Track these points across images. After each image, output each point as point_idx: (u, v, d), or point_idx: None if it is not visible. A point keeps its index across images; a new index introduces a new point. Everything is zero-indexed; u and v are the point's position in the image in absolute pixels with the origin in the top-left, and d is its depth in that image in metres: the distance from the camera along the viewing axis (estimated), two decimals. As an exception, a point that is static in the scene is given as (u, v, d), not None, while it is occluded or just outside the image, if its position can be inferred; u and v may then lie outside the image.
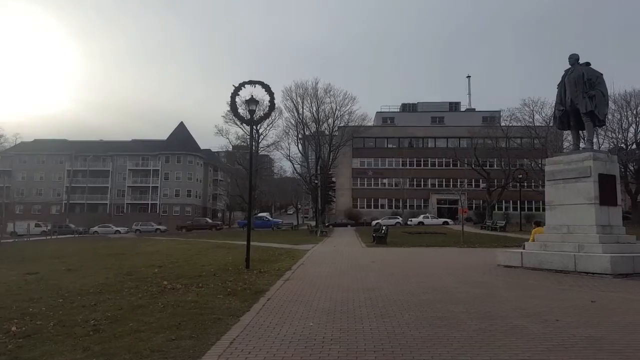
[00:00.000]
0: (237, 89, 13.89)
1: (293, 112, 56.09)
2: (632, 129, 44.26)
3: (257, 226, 50.14)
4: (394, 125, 71.20)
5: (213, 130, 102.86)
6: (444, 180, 64.53)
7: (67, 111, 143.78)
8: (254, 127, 47.91)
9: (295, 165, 61.41)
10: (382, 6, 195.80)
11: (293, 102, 55.73)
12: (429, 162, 66.36)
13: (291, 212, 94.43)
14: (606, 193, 12.28)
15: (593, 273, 10.98)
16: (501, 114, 59.23)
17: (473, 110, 75.73)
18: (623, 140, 44.60)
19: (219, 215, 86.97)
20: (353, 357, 4.83)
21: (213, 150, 79.93)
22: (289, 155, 58.47)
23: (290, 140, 57.79)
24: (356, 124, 57.66)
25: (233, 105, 14.46)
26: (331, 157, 58.62)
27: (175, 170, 79.21)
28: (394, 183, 64.80)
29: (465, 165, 57.21)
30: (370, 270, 12.95)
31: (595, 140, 15.30)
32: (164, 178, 79.06)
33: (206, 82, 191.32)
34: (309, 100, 56.08)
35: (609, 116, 42.08)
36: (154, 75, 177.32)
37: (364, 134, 62.04)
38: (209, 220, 63.46)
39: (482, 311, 7.08)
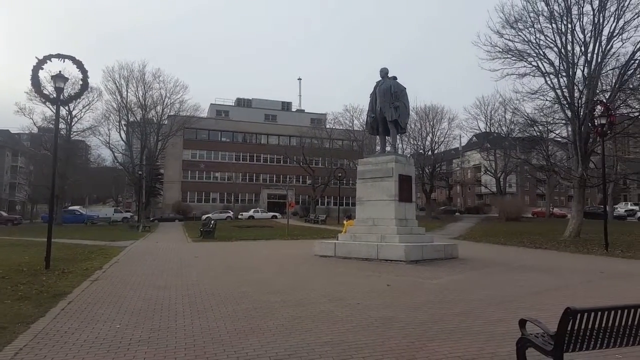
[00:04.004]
0: (42, 62, 11.99)
1: (115, 95, 50.88)
2: (429, 138, 52.35)
3: (68, 221, 44.51)
4: (229, 119, 70.74)
5: (13, 108, 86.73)
6: (274, 176, 66.68)
7: None
8: (65, 107, 42.47)
9: (116, 154, 55.67)
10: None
11: (116, 84, 50.56)
12: (262, 158, 67.75)
13: (111, 206, 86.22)
14: (404, 191, 14.28)
15: (392, 260, 12.64)
16: (327, 117, 63.91)
17: (303, 111, 79.99)
18: (422, 147, 52.36)
19: (18, 208, 74.28)
20: (162, 357, 4.63)
21: (13, 132, 67.70)
22: (108, 143, 52.82)
23: (111, 126, 52.27)
24: (188, 114, 55.26)
25: (35, 81, 12.39)
26: (159, 147, 55.09)
27: (-42, 153, 64.90)
28: (226, 177, 64.38)
29: (294, 162, 60.05)
30: (193, 266, 12.62)
31: (399, 145, 17.66)
32: (-60, 161, 64.12)
33: (10, 50, 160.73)
34: (134, 84, 51.52)
35: (412, 125, 49.17)
36: None
37: (197, 125, 60.06)
38: (4, 214, 53.58)
39: (296, 299, 7.52)
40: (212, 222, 27.86)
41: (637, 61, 21.71)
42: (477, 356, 4.61)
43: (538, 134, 31.37)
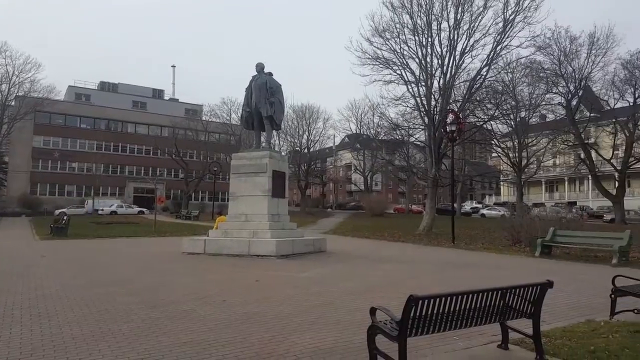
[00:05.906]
0: None
1: (-54, 67, 42.97)
2: (305, 136, 53.83)
3: None
4: (90, 104, 64.08)
5: None
6: (142, 168, 62.22)
7: None
8: None
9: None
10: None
11: (-53, 55, 42.68)
12: (128, 148, 62.73)
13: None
14: (277, 187, 14.46)
15: (263, 255, 12.69)
16: (203, 108, 61.74)
17: (177, 100, 75.88)
18: (298, 145, 53.61)
19: None
20: (-14, 371, 4.01)
21: None
22: (-64, 124, 44.47)
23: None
24: (40, 95, 48.81)
25: None
26: (3, 132, 47.83)
27: None
28: (85, 168, 58.30)
29: (166, 154, 56.86)
30: (38, 266, 11.21)
31: (276, 141, 17.82)
32: None
33: None
34: (-28, 57, 44.04)
35: (289, 123, 50.07)
36: None
37: (51, 109, 53.34)
38: None
39: (156, 300, 7.10)
40: (65, 217, 25.05)
41: (482, 77, 24.95)
42: (334, 345, 4.84)
43: (400, 137, 34.31)
